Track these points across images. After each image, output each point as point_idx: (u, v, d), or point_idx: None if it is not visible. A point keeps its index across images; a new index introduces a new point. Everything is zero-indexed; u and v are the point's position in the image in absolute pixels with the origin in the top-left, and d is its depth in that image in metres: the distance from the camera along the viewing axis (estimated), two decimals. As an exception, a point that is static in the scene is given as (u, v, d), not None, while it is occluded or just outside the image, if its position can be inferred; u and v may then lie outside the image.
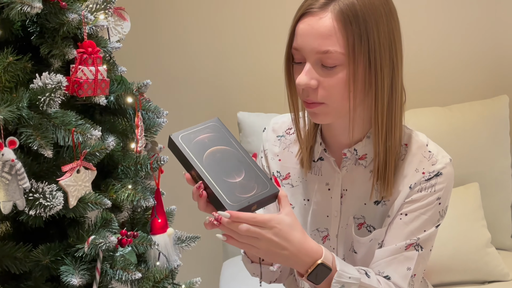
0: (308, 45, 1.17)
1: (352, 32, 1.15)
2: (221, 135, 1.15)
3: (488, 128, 2.26)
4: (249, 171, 1.13)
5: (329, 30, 1.15)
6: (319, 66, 1.18)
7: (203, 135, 1.14)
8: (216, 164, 1.11)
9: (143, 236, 1.47)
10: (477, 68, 2.47)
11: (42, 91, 1.23)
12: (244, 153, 1.14)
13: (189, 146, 1.11)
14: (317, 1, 1.17)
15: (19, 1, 1.21)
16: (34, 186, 1.25)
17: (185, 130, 1.14)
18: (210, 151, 1.12)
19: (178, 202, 1.80)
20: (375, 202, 1.30)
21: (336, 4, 1.15)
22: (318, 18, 1.16)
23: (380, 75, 1.19)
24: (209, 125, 1.16)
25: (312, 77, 1.17)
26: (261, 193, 1.11)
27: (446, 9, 2.43)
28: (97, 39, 1.41)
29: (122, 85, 1.50)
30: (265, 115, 2.26)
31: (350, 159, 1.30)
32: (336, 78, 1.17)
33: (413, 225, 1.26)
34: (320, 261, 1.14)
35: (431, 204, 1.25)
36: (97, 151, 1.36)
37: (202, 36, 2.45)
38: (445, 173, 1.26)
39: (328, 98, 1.18)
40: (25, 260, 1.33)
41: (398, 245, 1.25)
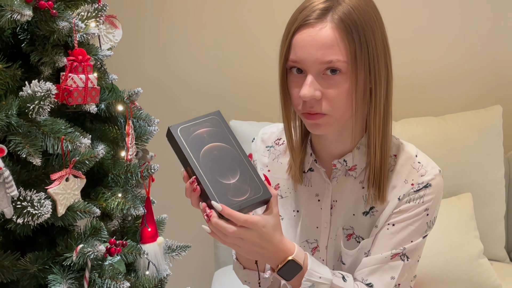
0: (310, 56, 1.16)
1: (353, 40, 1.15)
2: (220, 130, 1.14)
3: (482, 139, 2.26)
4: (244, 172, 1.13)
5: (331, 40, 1.15)
6: (321, 77, 1.17)
7: (203, 129, 1.13)
8: (212, 162, 1.11)
9: (133, 245, 1.46)
10: (471, 79, 2.48)
11: (32, 99, 1.22)
12: (241, 152, 1.14)
13: (187, 141, 1.11)
14: (313, 12, 1.17)
15: (9, 9, 1.21)
16: (22, 194, 1.24)
17: (184, 122, 1.13)
18: (208, 148, 1.12)
19: (169, 210, 1.79)
20: (364, 213, 1.30)
21: (334, 13, 1.16)
22: (318, 29, 1.16)
23: (379, 82, 1.20)
24: (209, 118, 1.15)
25: (316, 89, 1.17)
26: (253, 198, 1.12)
27: (441, 20, 2.44)
28: (88, 47, 1.41)
29: (113, 93, 1.50)
30: (257, 123, 2.26)
31: (340, 170, 1.30)
32: (340, 88, 1.17)
33: (400, 235, 1.25)
34: (290, 258, 1.18)
35: (419, 215, 1.25)
36: (87, 159, 1.35)
37: (195, 45, 2.45)
38: (434, 185, 1.26)
39: (332, 108, 1.18)
40: (13, 269, 1.32)
41: (384, 254, 1.25)
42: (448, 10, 2.43)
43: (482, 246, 2.09)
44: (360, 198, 1.30)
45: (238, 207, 1.10)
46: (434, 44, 2.46)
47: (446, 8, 2.43)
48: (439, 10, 2.43)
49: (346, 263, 1.32)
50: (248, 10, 2.42)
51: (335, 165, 1.29)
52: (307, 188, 1.35)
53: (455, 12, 2.43)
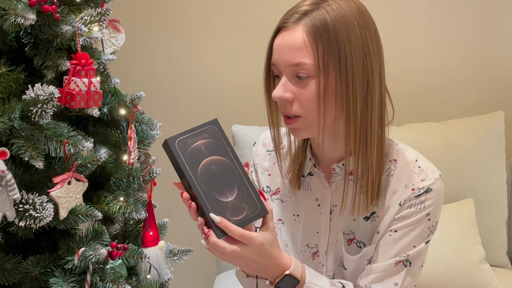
0: (282, 58, 1.19)
1: (322, 43, 1.17)
2: (218, 142, 1.14)
3: (484, 144, 2.26)
4: (241, 189, 1.13)
5: (300, 43, 1.17)
6: (294, 79, 1.20)
7: (200, 141, 1.13)
8: (210, 178, 1.11)
9: (134, 249, 1.46)
10: (473, 84, 2.48)
11: (34, 102, 1.23)
12: (238, 165, 1.14)
13: (184, 155, 1.10)
14: (291, 16, 1.20)
15: (13, 13, 1.21)
16: (25, 197, 1.25)
17: (182, 134, 1.12)
18: (206, 162, 1.12)
19: (171, 215, 1.80)
20: (365, 218, 1.29)
21: (307, 18, 1.18)
22: (290, 32, 1.19)
23: (352, 88, 1.19)
24: (207, 128, 1.15)
25: (287, 90, 1.19)
26: (251, 216, 1.12)
27: (442, 26, 2.44)
28: (91, 51, 1.42)
29: (115, 97, 1.51)
30: (259, 128, 2.26)
31: (339, 175, 1.30)
32: (309, 90, 1.18)
33: (403, 241, 1.25)
34: (287, 272, 1.18)
35: (420, 220, 1.25)
36: (89, 163, 1.36)
37: (197, 49, 2.45)
38: (435, 189, 1.26)
39: (303, 110, 1.20)
40: (15, 272, 1.32)
41: (387, 262, 1.25)
42: (451, 16, 2.43)
43: (484, 252, 2.09)
44: (359, 202, 1.29)
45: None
46: (437, 50, 2.46)
47: (449, 14, 2.43)
48: (442, 16, 2.43)
49: (348, 269, 1.31)
50: (252, 15, 2.43)
51: (334, 170, 1.30)
52: (307, 193, 1.35)
53: (457, 18, 2.43)
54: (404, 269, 1.25)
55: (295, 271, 1.19)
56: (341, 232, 1.31)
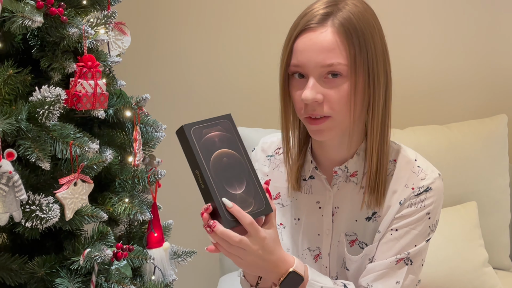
0: (311, 60, 1.18)
1: (353, 44, 1.17)
2: (231, 136, 1.15)
3: (487, 147, 2.26)
4: (249, 184, 1.14)
5: (332, 43, 1.17)
6: (322, 80, 1.19)
7: (214, 132, 1.14)
8: (222, 170, 1.12)
9: (139, 250, 1.47)
10: (477, 87, 2.48)
11: (41, 104, 1.24)
12: (248, 161, 1.15)
13: (199, 143, 1.11)
14: (314, 17, 1.19)
15: (21, 15, 1.22)
16: (31, 198, 1.25)
17: (197, 123, 1.13)
18: (218, 154, 1.13)
19: (175, 216, 1.80)
20: (366, 218, 1.30)
21: (334, 18, 1.18)
22: (319, 33, 1.18)
23: (377, 87, 1.21)
24: (221, 122, 1.16)
25: (318, 91, 1.19)
26: (256, 211, 1.13)
27: (445, 28, 2.45)
28: (97, 53, 1.42)
29: (121, 99, 1.51)
30: (263, 130, 2.27)
31: (341, 177, 1.31)
32: (340, 90, 1.19)
33: (404, 240, 1.26)
34: (291, 269, 1.18)
35: (421, 219, 1.26)
36: (95, 164, 1.36)
37: (202, 52, 2.46)
38: (435, 188, 1.27)
39: (334, 111, 1.20)
40: (21, 272, 1.33)
41: (388, 260, 1.26)
42: (454, 19, 2.43)
43: (487, 255, 2.09)
44: (362, 203, 1.31)
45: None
46: (439, 52, 2.46)
47: (452, 17, 2.43)
48: (445, 19, 2.44)
49: (350, 269, 1.32)
50: (257, 18, 2.43)
51: (336, 172, 1.30)
52: (308, 196, 1.36)
53: (460, 21, 2.44)
54: (405, 267, 1.26)
55: (298, 269, 1.20)
56: (343, 233, 1.32)
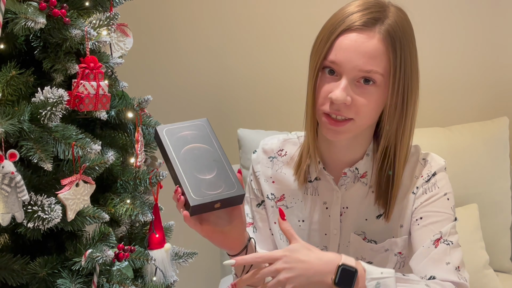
0: (351, 61, 1.17)
1: (395, 56, 1.17)
2: (204, 134, 1.18)
3: (488, 150, 2.26)
4: (221, 171, 1.15)
5: (376, 50, 1.16)
6: (354, 83, 1.19)
7: (187, 132, 1.17)
8: (191, 159, 1.14)
9: (140, 251, 1.47)
10: (478, 90, 2.48)
11: (44, 105, 1.24)
12: (221, 154, 1.17)
13: (170, 140, 1.15)
14: (361, 19, 1.18)
15: (23, 16, 1.22)
16: (33, 198, 1.26)
17: (171, 125, 1.18)
18: (189, 147, 1.15)
19: (176, 217, 1.80)
20: (378, 216, 1.30)
21: (382, 25, 1.17)
22: (365, 36, 1.17)
23: (410, 100, 1.23)
24: (196, 124, 1.19)
25: (348, 94, 1.18)
26: (226, 193, 1.13)
27: (447, 31, 2.45)
28: (100, 54, 1.43)
29: (123, 100, 1.52)
30: (265, 132, 2.27)
31: (349, 177, 1.31)
32: (370, 98, 1.19)
33: (432, 223, 1.26)
34: (340, 263, 1.11)
35: (441, 200, 1.28)
36: (97, 165, 1.37)
37: (203, 54, 2.47)
38: (441, 172, 1.31)
39: (359, 115, 1.20)
40: (22, 273, 1.33)
41: (425, 245, 1.25)
42: (455, 21, 2.44)
43: (487, 257, 2.09)
44: (371, 202, 1.31)
45: (210, 199, 1.11)
46: (441, 55, 2.47)
47: (455, 20, 2.44)
48: (446, 21, 2.44)
49: (374, 261, 1.30)
50: (259, 19, 2.44)
51: (345, 173, 1.30)
52: (314, 197, 1.36)
53: (462, 23, 2.44)
54: (447, 248, 1.24)
55: (348, 261, 1.13)
56: (353, 233, 1.32)
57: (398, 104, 1.21)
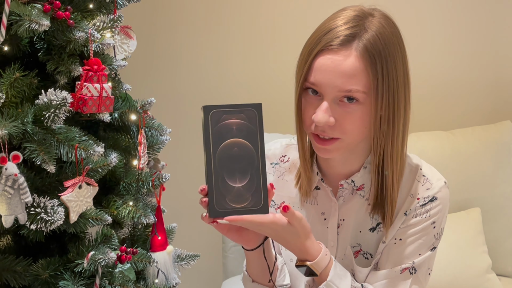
0: (330, 82, 1.14)
1: (376, 72, 1.14)
2: (251, 127, 1.10)
3: (491, 153, 2.26)
4: (253, 179, 1.10)
5: (354, 69, 1.13)
6: (337, 103, 1.16)
7: (234, 120, 1.10)
8: (227, 159, 1.09)
9: (143, 253, 1.47)
10: (481, 94, 2.48)
11: (47, 107, 1.24)
12: (261, 157, 1.10)
13: (213, 127, 1.09)
14: (337, 37, 1.14)
15: (28, 19, 1.23)
16: (36, 200, 1.26)
17: (221, 106, 1.11)
18: (230, 142, 1.09)
19: (179, 219, 1.81)
20: (371, 229, 1.30)
21: (359, 41, 1.14)
22: (341, 56, 1.13)
23: (397, 113, 1.19)
24: (247, 110, 1.12)
25: (331, 115, 1.16)
26: (250, 209, 1.10)
27: (450, 34, 2.45)
28: (103, 56, 1.43)
29: (126, 103, 1.52)
30: (268, 134, 2.27)
31: (347, 189, 1.30)
32: (354, 116, 1.16)
33: (408, 249, 1.26)
34: (309, 263, 1.17)
35: (426, 229, 1.26)
36: (100, 167, 1.37)
37: (206, 56, 2.47)
38: (440, 197, 1.27)
39: (345, 133, 1.17)
40: (25, 274, 1.33)
41: (393, 269, 1.26)
42: (458, 25, 2.44)
43: (490, 261, 2.09)
44: (367, 215, 1.30)
45: (231, 214, 1.08)
46: (444, 58, 2.46)
47: (458, 23, 2.44)
48: (449, 25, 2.44)
49: (359, 281, 1.32)
50: (263, 22, 2.44)
51: (342, 185, 1.30)
52: (313, 207, 1.35)
53: (465, 27, 2.44)
54: (410, 277, 1.26)
55: (317, 265, 1.17)
56: (349, 246, 1.31)
57: (384, 117, 1.18)
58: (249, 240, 1.20)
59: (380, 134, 1.20)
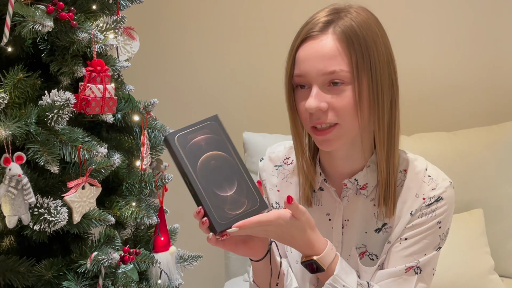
0: (313, 68, 1.18)
1: (355, 50, 1.17)
2: (218, 138, 1.14)
3: (494, 154, 2.26)
4: (241, 183, 1.12)
5: (333, 50, 1.17)
6: (325, 88, 1.19)
7: (200, 137, 1.13)
8: (210, 173, 1.10)
9: (146, 254, 1.47)
10: (484, 95, 2.48)
11: (51, 108, 1.25)
12: (238, 160, 1.14)
13: (184, 150, 1.10)
14: (315, 25, 1.20)
15: (31, 20, 1.23)
16: (39, 201, 1.26)
17: (182, 129, 1.13)
18: (205, 157, 1.11)
19: (181, 220, 1.81)
20: (376, 230, 1.30)
21: (335, 26, 1.18)
22: (319, 41, 1.18)
23: (381, 93, 1.21)
24: (207, 124, 1.15)
25: (322, 100, 1.18)
26: (250, 210, 1.11)
27: (453, 35, 2.45)
28: (106, 57, 1.43)
29: (129, 103, 1.52)
30: (270, 135, 2.27)
31: (351, 189, 1.30)
32: (344, 97, 1.18)
33: (413, 248, 1.26)
34: (315, 258, 1.18)
35: (431, 228, 1.26)
36: (103, 168, 1.37)
37: (209, 56, 2.47)
38: (446, 197, 1.27)
39: (340, 117, 1.19)
40: (28, 275, 1.34)
41: (398, 268, 1.26)
42: (461, 25, 2.44)
43: (493, 262, 2.08)
44: (372, 215, 1.30)
45: (236, 221, 1.09)
46: (447, 59, 2.46)
47: (459, 23, 2.44)
48: (452, 25, 2.44)
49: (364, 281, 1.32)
50: (265, 22, 2.44)
51: (346, 185, 1.30)
52: (318, 208, 1.35)
53: (468, 27, 2.44)
54: (415, 276, 1.26)
55: (324, 259, 1.18)
56: (354, 247, 1.31)
57: (370, 99, 1.20)
58: (257, 250, 1.21)
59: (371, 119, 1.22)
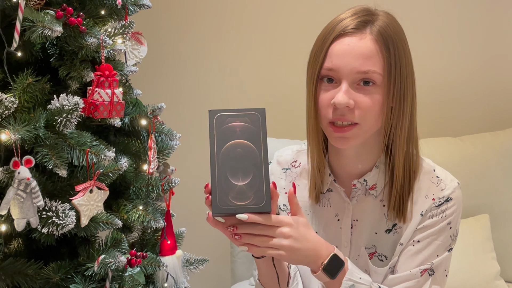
0: (348, 64, 1.18)
1: (390, 54, 1.19)
2: (255, 130, 1.13)
3: (500, 160, 2.26)
4: (255, 179, 1.11)
5: (371, 51, 1.18)
6: (354, 86, 1.19)
7: (238, 123, 1.13)
8: (231, 159, 1.11)
9: (152, 257, 1.48)
10: (490, 100, 2.48)
11: (59, 112, 1.26)
12: (263, 158, 1.12)
13: (218, 130, 1.12)
14: (350, 23, 1.20)
15: (41, 25, 1.24)
16: (48, 204, 1.27)
17: (226, 110, 1.15)
18: (234, 143, 1.12)
19: (188, 224, 1.81)
20: (386, 231, 1.30)
21: (372, 26, 1.19)
22: (358, 39, 1.18)
23: (405, 99, 1.22)
24: (251, 114, 1.15)
25: (351, 97, 1.18)
26: (252, 206, 1.10)
27: (459, 40, 2.45)
28: (114, 62, 1.44)
29: (137, 108, 1.53)
30: (276, 140, 2.28)
31: (360, 190, 1.31)
32: (373, 98, 1.19)
33: (427, 251, 1.27)
34: (334, 252, 1.17)
35: (442, 229, 1.27)
36: (110, 172, 1.38)
37: (216, 62, 2.48)
38: (455, 197, 1.28)
39: (364, 118, 1.20)
40: (36, 277, 1.35)
41: (412, 271, 1.26)
42: (466, 31, 2.44)
43: (499, 268, 2.08)
44: (382, 216, 1.31)
45: (234, 211, 1.09)
46: (453, 64, 2.46)
47: (464, 29, 2.44)
48: (457, 31, 2.44)
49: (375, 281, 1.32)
50: (273, 27, 2.45)
51: (355, 185, 1.30)
52: (326, 209, 1.35)
53: (473, 33, 2.44)
54: (429, 278, 1.26)
55: (339, 253, 1.19)
56: (363, 247, 1.32)
57: (394, 106, 1.22)
58: None
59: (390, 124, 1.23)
